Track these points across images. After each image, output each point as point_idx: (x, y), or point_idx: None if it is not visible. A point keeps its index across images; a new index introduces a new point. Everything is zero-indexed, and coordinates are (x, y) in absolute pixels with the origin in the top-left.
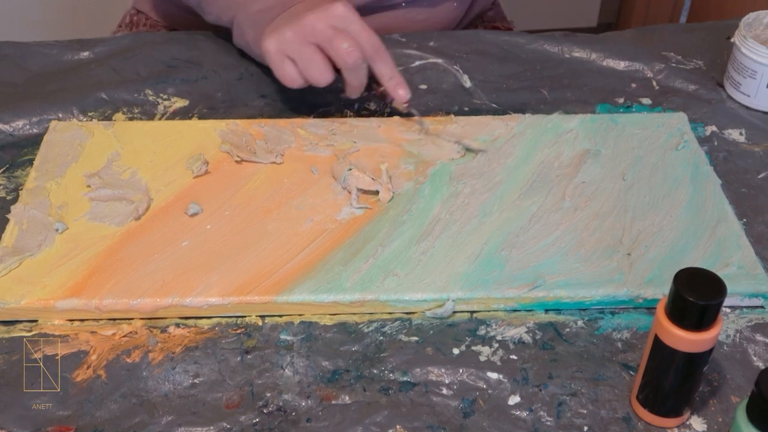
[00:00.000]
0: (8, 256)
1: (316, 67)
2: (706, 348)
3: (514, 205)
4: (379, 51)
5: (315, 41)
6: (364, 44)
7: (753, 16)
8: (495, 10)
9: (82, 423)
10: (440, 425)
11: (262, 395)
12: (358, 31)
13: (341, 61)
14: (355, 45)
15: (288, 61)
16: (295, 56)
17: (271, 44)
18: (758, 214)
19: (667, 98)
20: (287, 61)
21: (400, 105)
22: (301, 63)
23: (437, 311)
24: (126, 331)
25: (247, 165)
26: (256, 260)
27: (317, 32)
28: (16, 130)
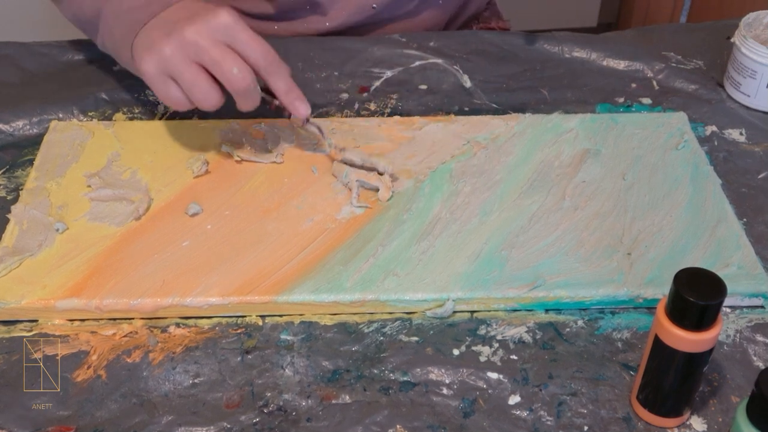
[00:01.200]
0: (8, 256)
1: (200, 91)
2: (706, 348)
3: (515, 204)
4: (273, 64)
5: (199, 61)
6: (257, 59)
7: (753, 16)
8: (490, 10)
9: (82, 423)
10: (440, 425)
11: (262, 395)
12: (246, 43)
13: (230, 86)
14: (245, 68)
15: (171, 83)
16: (177, 77)
17: (150, 65)
18: (758, 214)
19: (667, 98)
20: (170, 82)
21: (298, 121)
22: (183, 85)
23: (437, 311)
24: (126, 331)
25: (247, 165)
26: (256, 260)
27: (201, 50)
28: (17, 130)
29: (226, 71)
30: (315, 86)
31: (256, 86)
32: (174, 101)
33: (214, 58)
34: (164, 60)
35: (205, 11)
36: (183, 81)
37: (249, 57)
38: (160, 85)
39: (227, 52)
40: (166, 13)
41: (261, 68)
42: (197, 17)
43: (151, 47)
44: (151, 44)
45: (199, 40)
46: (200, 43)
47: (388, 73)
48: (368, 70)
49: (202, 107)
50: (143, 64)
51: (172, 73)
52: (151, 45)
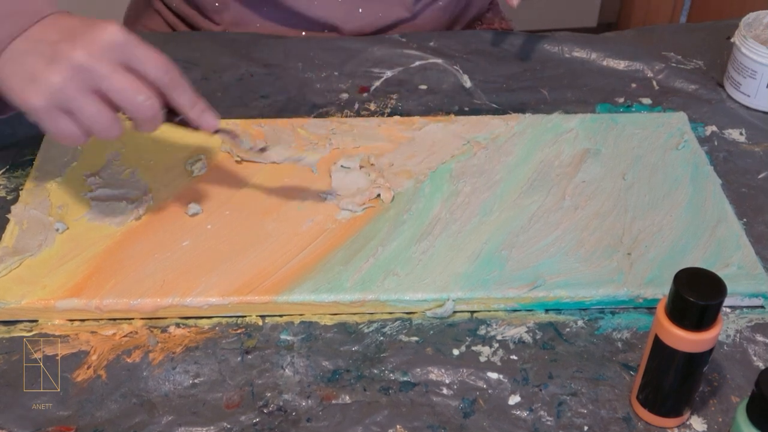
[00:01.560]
0: (8, 256)
1: (102, 124)
2: (706, 348)
3: (515, 204)
4: (174, 79)
5: (96, 88)
6: (157, 77)
7: (753, 16)
8: (493, 11)
9: (82, 423)
10: (440, 425)
11: (262, 395)
12: (144, 61)
13: (137, 115)
14: (151, 95)
15: (62, 117)
16: (75, 111)
17: (38, 99)
18: (758, 214)
19: (667, 98)
20: (62, 116)
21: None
22: (82, 117)
23: (437, 311)
24: (126, 331)
25: (247, 165)
26: (256, 260)
27: (98, 77)
28: (17, 130)
29: (131, 100)
30: (315, 86)
31: (162, 109)
32: (68, 136)
33: (115, 85)
34: (55, 92)
35: (87, 27)
36: (82, 114)
37: (149, 75)
38: (50, 120)
39: (128, 78)
40: (36, 31)
41: (162, 86)
42: (81, 36)
43: (35, 78)
44: (32, 74)
45: (92, 64)
46: (95, 68)
47: (388, 73)
48: (368, 70)
49: (102, 138)
50: (29, 99)
51: (67, 106)
52: (34, 75)
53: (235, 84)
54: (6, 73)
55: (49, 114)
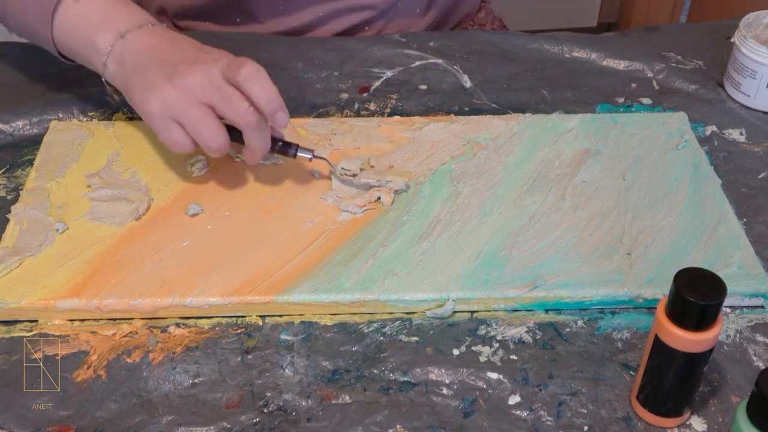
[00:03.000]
0: (8, 256)
1: (208, 131)
2: (706, 348)
3: (515, 204)
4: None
5: (206, 101)
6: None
7: (753, 16)
8: (485, 10)
9: (82, 423)
10: (440, 425)
11: (262, 395)
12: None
13: (241, 121)
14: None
15: (174, 125)
16: (183, 120)
17: (154, 106)
18: (758, 214)
19: (667, 98)
20: (173, 124)
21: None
22: (189, 126)
23: (437, 311)
24: (126, 331)
25: (247, 165)
26: (256, 260)
27: (208, 90)
28: (17, 130)
29: (235, 106)
30: (315, 86)
31: (266, 122)
32: (175, 143)
33: (223, 94)
34: (168, 102)
35: (205, 54)
36: (189, 121)
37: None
38: (161, 126)
39: (235, 91)
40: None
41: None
42: (201, 63)
43: (154, 88)
44: (153, 85)
45: (205, 80)
46: (205, 83)
47: (388, 73)
48: (368, 70)
49: (210, 148)
50: (148, 106)
51: (177, 116)
52: (154, 86)
53: None
54: (132, 81)
55: (162, 121)
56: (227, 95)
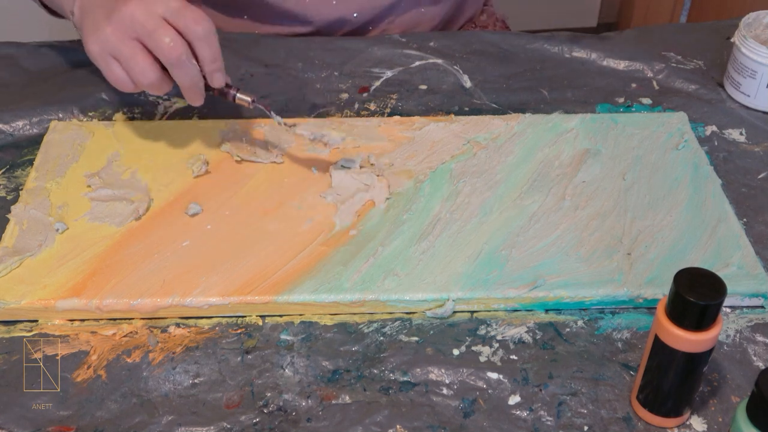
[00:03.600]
0: (8, 256)
1: (137, 66)
2: (706, 348)
3: (515, 204)
4: (205, 32)
5: (136, 35)
6: (191, 28)
7: (753, 16)
8: (487, 13)
9: (82, 423)
10: (440, 425)
11: (262, 395)
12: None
13: (164, 57)
14: (178, 38)
15: (113, 62)
16: (117, 55)
17: (94, 45)
18: (758, 214)
19: (667, 98)
20: (112, 61)
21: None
22: (123, 62)
23: (437, 311)
24: (126, 331)
25: (247, 165)
26: (256, 260)
27: (137, 24)
28: (17, 130)
29: (158, 41)
30: (315, 86)
31: (190, 58)
32: (117, 80)
33: (148, 29)
34: (105, 39)
35: None
36: (121, 57)
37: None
38: (103, 65)
39: (162, 24)
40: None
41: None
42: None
43: (95, 28)
44: (94, 25)
45: (136, 14)
46: (136, 16)
47: (388, 73)
48: (368, 70)
49: (142, 85)
50: (88, 45)
51: (113, 52)
52: (95, 26)
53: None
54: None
55: (102, 59)
56: (151, 29)
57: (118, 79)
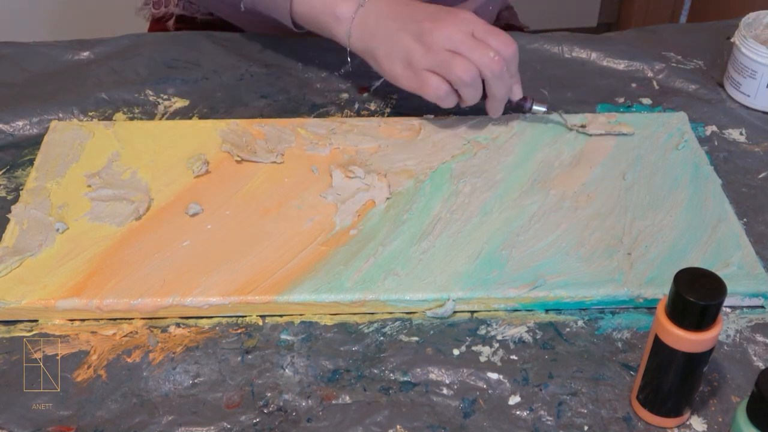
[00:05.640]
0: (9, 256)
1: (459, 65)
2: (706, 348)
3: (515, 204)
4: (516, 56)
5: (452, 48)
6: (500, 48)
7: (753, 16)
8: (509, 12)
9: (82, 423)
10: (440, 425)
11: (262, 395)
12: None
13: (488, 69)
14: (499, 53)
15: (429, 75)
16: (433, 67)
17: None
18: (758, 214)
19: (667, 98)
20: (429, 75)
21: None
22: (441, 69)
23: (438, 311)
24: (126, 330)
25: (248, 165)
26: (256, 260)
27: (456, 42)
28: (17, 130)
29: (482, 55)
30: (315, 86)
31: (507, 73)
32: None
33: (468, 45)
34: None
35: (445, 12)
36: (440, 66)
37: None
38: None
39: (479, 42)
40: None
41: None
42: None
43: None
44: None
45: (453, 33)
46: (454, 36)
47: None
48: (368, 70)
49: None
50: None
51: (428, 66)
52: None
53: (235, 84)
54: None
55: (418, 77)
56: (472, 46)
57: (436, 90)
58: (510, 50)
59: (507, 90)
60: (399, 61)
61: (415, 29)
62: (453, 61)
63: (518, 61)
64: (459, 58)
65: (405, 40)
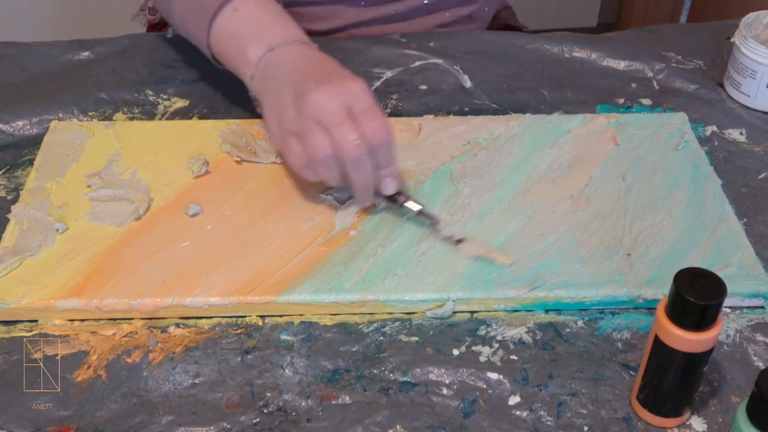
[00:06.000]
0: (9, 256)
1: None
2: (706, 348)
3: (514, 205)
4: (387, 144)
5: (320, 122)
6: (374, 139)
7: (753, 16)
8: (507, 12)
9: (82, 423)
10: (440, 425)
11: (262, 395)
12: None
13: (345, 153)
14: (363, 139)
15: (293, 140)
16: (299, 134)
17: (275, 125)
18: (758, 214)
19: (667, 98)
20: (292, 139)
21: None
22: (303, 140)
23: (437, 311)
24: (126, 331)
25: (248, 165)
26: (256, 260)
27: (325, 114)
28: (17, 130)
29: (343, 136)
30: None
31: (368, 161)
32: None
33: (335, 121)
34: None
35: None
36: (301, 134)
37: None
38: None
39: (348, 120)
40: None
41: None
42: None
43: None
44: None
45: (326, 104)
46: (326, 107)
47: (388, 73)
48: (368, 70)
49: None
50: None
51: (293, 130)
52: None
53: (235, 84)
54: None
55: (282, 137)
56: (339, 122)
57: (297, 156)
58: (378, 138)
59: (367, 179)
60: (275, 116)
61: (298, 87)
62: (312, 133)
63: (392, 152)
64: (319, 132)
65: (285, 96)
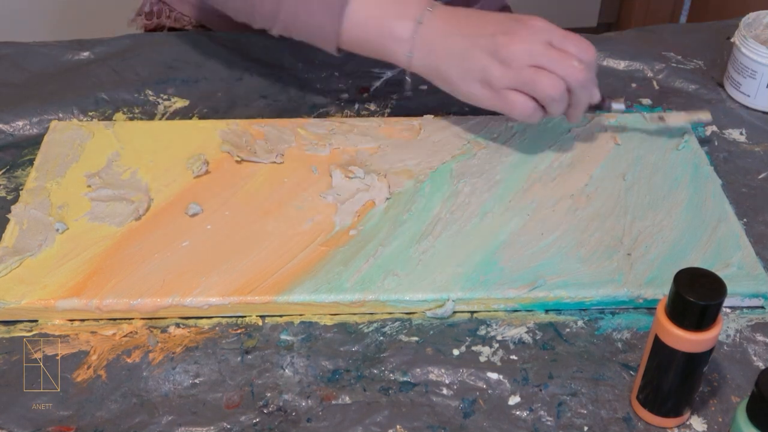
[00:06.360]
0: (8, 256)
1: (542, 82)
2: (706, 348)
3: (515, 204)
4: (594, 61)
5: (533, 64)
6: (579, 53)
7: (753, 16)
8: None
9: (82, 423)
10: (440, 425)
11: (262, 395)
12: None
13: (572, 78)
14: (580, 61)
15: (513, 93)
16: (517, 85)
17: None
18: (758, 214)
19: (667, 98)
20: (511, 93)
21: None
22: (527, 87)
23: (437, 311)
24: (126, 331)
25: (248, 165)
26: (256, 260)
27: (535, 55)
28: (17, 130)
29: (565, 66)
30: (315, 86)
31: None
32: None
33: (549, 56)
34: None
35: (516, 23)
36: (525, 83)
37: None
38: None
39: (558, 52)
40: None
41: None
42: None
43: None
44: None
45: (532, 47)
46: (533, 49)
47: (388, 73)
48: (368, 70)
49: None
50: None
51: (511, 84)
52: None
53: (235, 84)
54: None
55: (500, 96)
56: (556, 57)
57: (523, 106)
58: (590, 55)
59: (590, 96)
60: (476, 81)
61: (489, 45)
62: (538, 77)
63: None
64: (543, 73)
65: (479, 57)
